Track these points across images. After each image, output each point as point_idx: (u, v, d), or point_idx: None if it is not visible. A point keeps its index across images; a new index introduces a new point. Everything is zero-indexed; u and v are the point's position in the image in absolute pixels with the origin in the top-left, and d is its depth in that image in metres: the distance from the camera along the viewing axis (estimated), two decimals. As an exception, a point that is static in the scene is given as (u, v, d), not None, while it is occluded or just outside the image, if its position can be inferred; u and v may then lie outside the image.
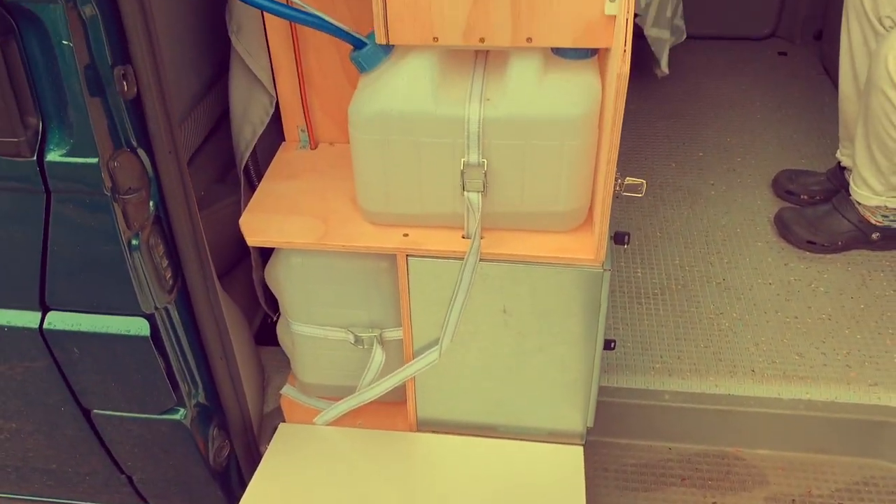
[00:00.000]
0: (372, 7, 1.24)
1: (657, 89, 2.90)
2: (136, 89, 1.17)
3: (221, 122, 1.77)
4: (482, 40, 1.26)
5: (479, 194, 1.35)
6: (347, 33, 1.33)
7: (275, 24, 1.52)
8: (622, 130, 1.20)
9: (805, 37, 3.19)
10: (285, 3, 1.34)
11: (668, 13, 2.44)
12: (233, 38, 1.52)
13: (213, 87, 1.71)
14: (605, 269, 1.39)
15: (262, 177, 1.65)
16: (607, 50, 1.27)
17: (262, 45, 1.54)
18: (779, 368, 1.85)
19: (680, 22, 2.59)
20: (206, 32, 1.61)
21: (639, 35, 2.24)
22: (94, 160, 1.15)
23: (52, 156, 1.16)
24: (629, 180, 1.31)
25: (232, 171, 1.78)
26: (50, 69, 1.10)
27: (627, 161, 2.54)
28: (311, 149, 1.69)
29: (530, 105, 1.29)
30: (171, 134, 1.24)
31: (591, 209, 1.43)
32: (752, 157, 2.55)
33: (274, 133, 1.70)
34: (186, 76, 1.58)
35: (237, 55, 1.54)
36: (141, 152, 1.23)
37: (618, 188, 1.31)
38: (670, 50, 2.57)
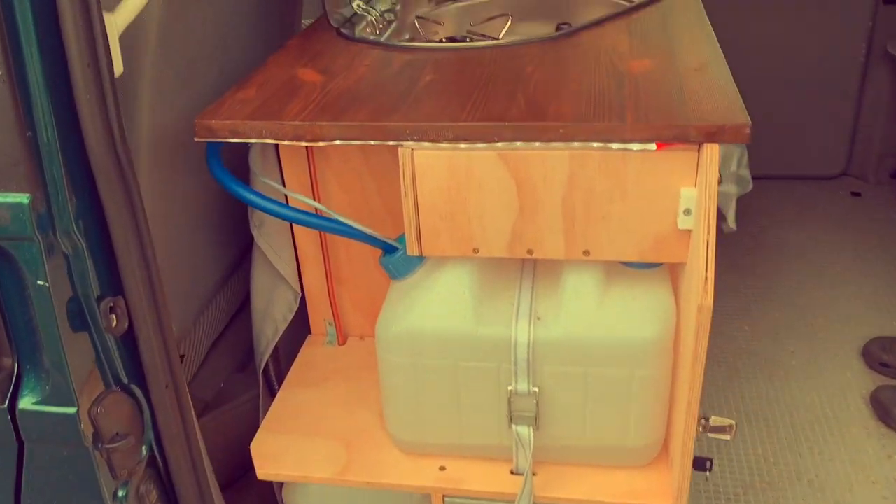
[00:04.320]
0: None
1: (720, 237, 2.68)
2: (126, 323, 1.00)
3: (245, 306, 1.62)
4: (530, 252, 1.07)
5: (531, 428, 1.13)
6: (376, 239, 1.17)
7: (299, 217, 1.37)
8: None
9: (880, 175, 2.96)
10: (313, 211, 1.19)
11: (733, 166, 2.24)
12: (255, 233, 1.37)
13: (238, 269, 1.57)
14: (686, 519, 1.14)
15: (282, 376, 1.46)
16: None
17: (285, 239, 1.40)
18: None
19: (745, 172, 2.40)
20: (230, 216, 1.48)
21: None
22: (72, 410, 0.98)
23: (25, 403, 0.99)
24: (715, 420, 1.08)
25: (254, 360, 1.61)
26: (24, 309, 0.94)
27: (694, 323, 2.30)
28: (340, 344, 1.51)
29: (590, 325, 1.09)
30: (169, 367, 1.07)
31: (667, 439, 1.19)
32: (835, 319, 2.29)
33: (298, 323, 1.53)
34: (208, 262, 1.44)
35: (259, 249, 1.39)
36: (135, 389, 1.05)
37: (700, 430, 1.07)
38: (735, 197, 2.37)
